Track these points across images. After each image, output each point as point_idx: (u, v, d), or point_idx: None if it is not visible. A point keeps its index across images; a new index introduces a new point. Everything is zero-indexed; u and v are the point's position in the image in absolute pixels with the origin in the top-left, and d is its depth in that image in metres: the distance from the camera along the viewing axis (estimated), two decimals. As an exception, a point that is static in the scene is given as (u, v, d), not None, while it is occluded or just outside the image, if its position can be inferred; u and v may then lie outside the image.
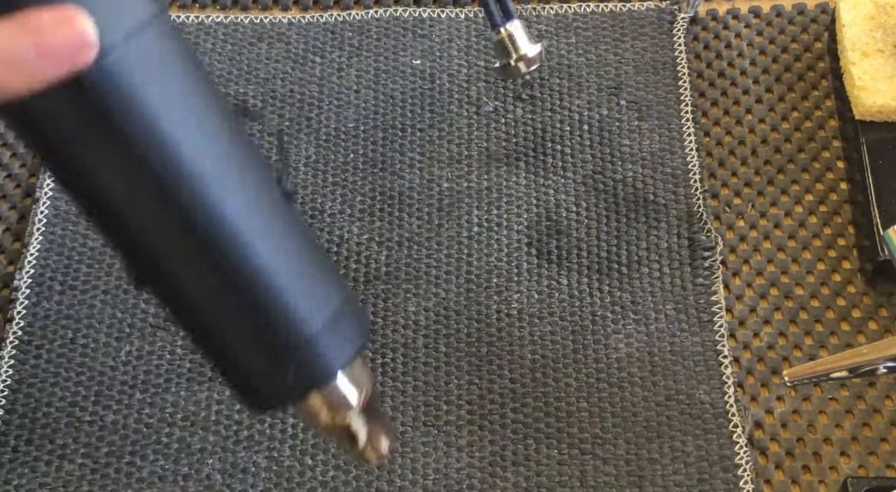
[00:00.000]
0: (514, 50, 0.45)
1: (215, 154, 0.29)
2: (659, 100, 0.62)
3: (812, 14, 0.66)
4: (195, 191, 0.28)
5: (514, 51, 0.45)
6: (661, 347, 0.53)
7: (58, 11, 0.28)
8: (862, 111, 0.57)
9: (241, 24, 0.66)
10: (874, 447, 0.51)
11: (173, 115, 0.28)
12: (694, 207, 0.58)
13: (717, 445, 0.51)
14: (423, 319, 0.55)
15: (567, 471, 0.50)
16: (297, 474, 0.50)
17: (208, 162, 0.28)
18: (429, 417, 0.52)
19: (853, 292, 0.56)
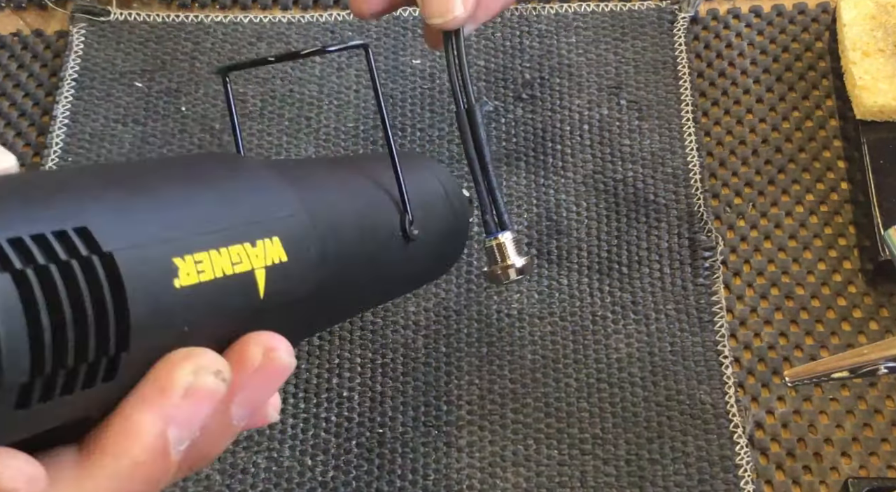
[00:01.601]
0: (502, 259, 0.47)
1: (375, 250, 0.39)
2: (659, 99, 0.62)
3: (813, 13, 0.66)
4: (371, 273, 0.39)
5: (502, 260, 0.47)
6: (661, 348, 0.53)
7: (262, 345, 0.29)
8: (863, 111, 0.57)
9: (240, 23, 0.66)
10: (875, 448, 0.51)
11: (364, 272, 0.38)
12: (694, 207, 0.58)
13: (718, 445, 0.50)
14: (423, 320, 0.55)
15: (567, 471, 0.50)
16: (296, 475, 0.50)
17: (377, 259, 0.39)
18: (429, 417, 0.52)
19: (854, 292, 0.55)
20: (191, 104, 0.62)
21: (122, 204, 0.26)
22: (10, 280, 0.22)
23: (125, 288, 0.25)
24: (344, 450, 0.51)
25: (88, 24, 0.66)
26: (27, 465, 0.23)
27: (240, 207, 0.30)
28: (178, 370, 0.26)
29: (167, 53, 0.64)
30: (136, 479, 0.26)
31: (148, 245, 0.26)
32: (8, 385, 0.22)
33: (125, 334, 0.25)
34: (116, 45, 0.65)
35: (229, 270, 0.28)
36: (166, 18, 0.66)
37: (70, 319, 0.23)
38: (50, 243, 0.23)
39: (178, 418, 0.26)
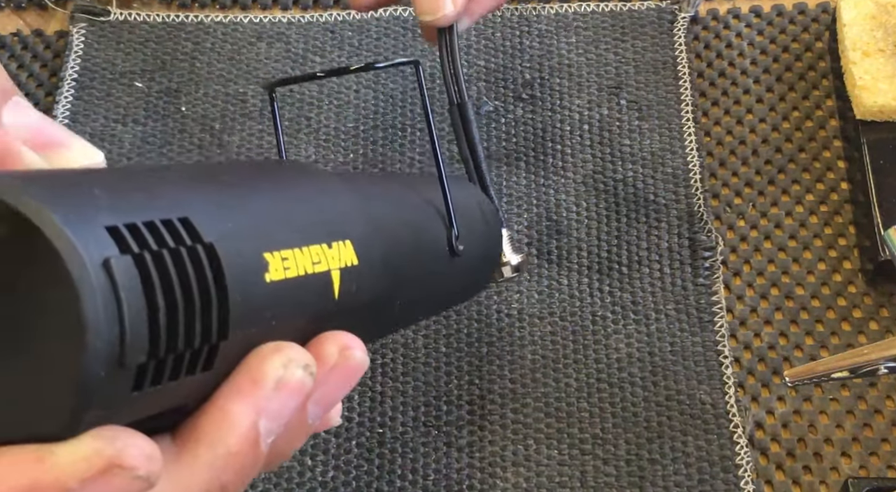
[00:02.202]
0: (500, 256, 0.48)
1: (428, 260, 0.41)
2: (659, 99, 0.62)
3: (813, 13, 0.66)
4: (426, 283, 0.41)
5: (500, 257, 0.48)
6: (661, 348, 0.53)
7: (338, 343, 0.30)
8: (863, 111, 0.57)
9: (240, 23, 0.66)
10: (875, 448, 0.51)
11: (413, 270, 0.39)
12: (694, 207, 0.58)
13: (718, 445, 0.50)
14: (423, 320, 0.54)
15: (567, 471, 0.50)
16: (296, 475, 0.50)
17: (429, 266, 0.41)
18: (429, 417, 0.52)
19: (854, 292, 0.55)
20: (191, 104, 0.62)
21: (215, 199, 0.28)
22: (131, 262, 0.23)
23: (225, 277, 0.25)
24: (344, 450, 0.51)
25: (88, 24, 0.66)
26: (146, 444, 0.24)
27: (316, 210, 0.32)
28: (269, 362, 0.27)
29: (167, 53, 0.64)
30: (230, 469, 0.26)
31: (242, 239, 0.27)
32: (129, 365, 0.23)
33: (225, 324, 0.26)
34: (116, 45, 0.65)
35: (310, 269, 0.29)
36: (166, 18, 0.66)
37: (181, 304, 0.24)
38: (160, 231, 0.24)
39: (269, 410, 0.27)
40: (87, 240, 0.22)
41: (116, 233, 0.23)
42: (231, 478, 0.27)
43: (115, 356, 0.22)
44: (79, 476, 0.22)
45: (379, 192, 0.39)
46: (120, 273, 0.22)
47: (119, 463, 0.23)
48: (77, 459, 0.22)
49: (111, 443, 0.23)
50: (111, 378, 0.23)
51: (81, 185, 0.24)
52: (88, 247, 0.22)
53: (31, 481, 0.22)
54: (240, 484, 0.27)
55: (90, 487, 0.23)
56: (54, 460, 0.22)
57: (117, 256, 0.23)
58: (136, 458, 0.23)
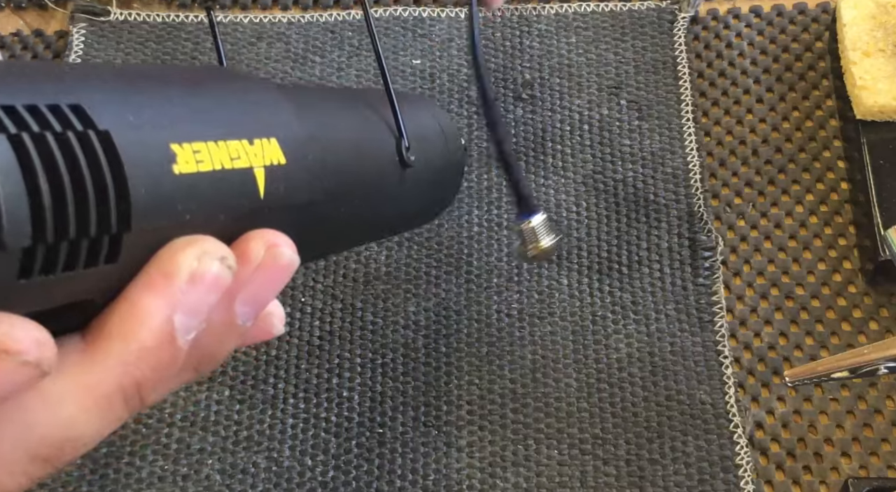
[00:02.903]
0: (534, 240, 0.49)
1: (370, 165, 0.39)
2: (659, 99, 0.62)
3: (813, 13, 0.66)
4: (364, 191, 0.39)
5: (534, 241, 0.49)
6: (661, 348, 0.53)
7: (264, 241, 0.29)
8: (863, 111, 0.57)
9: (240, 23, 0.66)
10: (875, 448, 0.51)
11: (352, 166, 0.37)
12: (694, 207, 0.58)
13: (718, 445, 0.50)
14: (423, 320, 0.55)
15: (567, 471, 0.50)
16: (296, 475, 0.50)
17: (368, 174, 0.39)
18: (429, 417, 0.52)
19: (854, 292, 0.55)
20: (191, 104, 0.62)
21: (118, 90, 0.26)
22: (6, 142, 0.22)
23: (123, 165, 0.24)
24: (344, 450, 0.51)
25: (88, 24, 0.66)
26: (35, 329, 0.22)
27: (238, 107, 0.31)
28: (182, 255, 0.26)
29: (167, 53, 0.64)
30: (144, 364, 0.25)
31: (145, 129, 0.26)
32: (10, 248, 0.22)
33: (126, 214, 0.25)
34: (116, 45, 0.65)
35: (228, 164, 0.28)
36: (166, 18, 0.66)
37: (69, 187, 0.23)
38: (44, 115, 0.23)
39: (184, 304, 0.26)
40: None
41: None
42: (147, 375, 0.25)
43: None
44: None
45: (320, 98, 0.38)
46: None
47: (4, 347, 0.22)
48: None
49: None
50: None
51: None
52: None
53: None
54: (158, 383, 0.26)
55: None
56: None
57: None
58: (22, 341, 0.22)
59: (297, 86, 0.43)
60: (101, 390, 0.25)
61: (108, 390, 0.25)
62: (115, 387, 0.25)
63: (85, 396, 0.25)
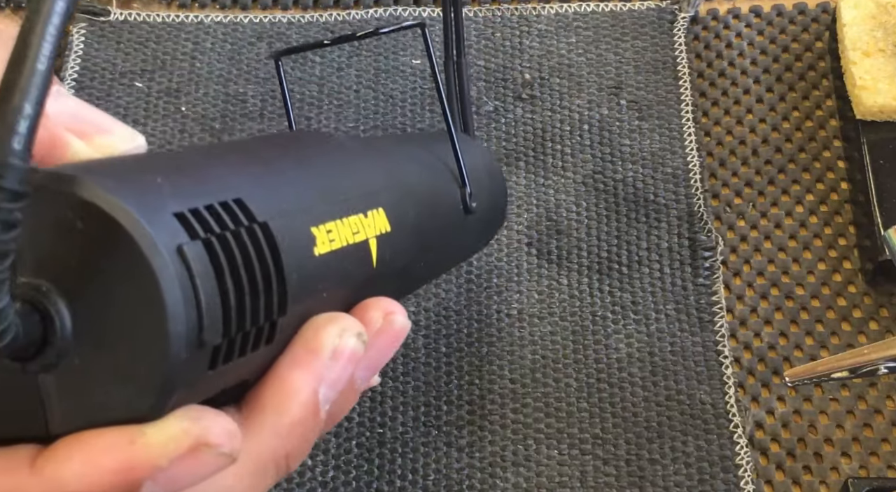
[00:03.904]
0: None
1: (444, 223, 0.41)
2: (659, 99, 0.62)
3: (813, 13, 0.66)
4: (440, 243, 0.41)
5: None
6: (661, 348, 0.53)
7: (382, 309, 0.31)
8: (863, 111, 0.57)
9: (240, 23, 0.66)
10: (875, 448, 0.51)
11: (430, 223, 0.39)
12: (694, 207, 0.58)
13: (718, 445, 0.50)
14: (423, 320, 0.55)
15: (567, 471, 0.50)
16: (296, 475, 0.50)
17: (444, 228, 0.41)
18: (429, 417, 0.52)
19: (854, 292, 0.55)
20: (191, 104, 0.62)
21: (261, 178, 0.28)
22: (202, 247, 0.24)
23: (281, 255, 0.26)
24: (344, 450, 0.51)
25: (88, 24, 0.66)
26: (228, 422, 0.25)
27: (350, 180, 0.32)
28: (324, 333, 0.28)
29: (167, 53, 0.64)
30: (294, 436, 0.27)
31: (291, 216, 0.28)
32: (206, 346, 0.24)
33: (284, 300, 0.26)
34: (116, 45, 0.65)
35: (351, 239, 0.30)
36: (166, 18, 0.66)
37: (247, 284, 0.25)
38: (220, 215, 0.25)
39: (327, 378, 0.28)
40: (159, 229, 0.23)
41: (184, 219, 0.24)
42: (295, 445, 0.27)
43: (194, 340, 0.23)
44: (169, 455, 0.23)
45: (400, 156, 0.40)
46: (193, 259, 0.23)
47: (205, 441, 0.24)
48: (166, 438, 0.23)
49: (196, 422, 0.24)
50: (191, 360, 0.23)
51: (142, 173, 0.25)
52: (162, 236, 0.23)
53: (125, 461, 0.23)
54: (303, 451, 0.28)
55: (179, 465, 0.23)
56: (145, 441, 0.23)
57: (189, 243, 0.23)
58: (219, 436, 0.24)
59: (376, 140, 0.46)
60: (258, 460, 0.27)
61: (264, 459, 0.27)
62: (269, 456, 0.27)
63: (245, 466, 0.27)
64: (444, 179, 0.41)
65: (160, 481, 0.23)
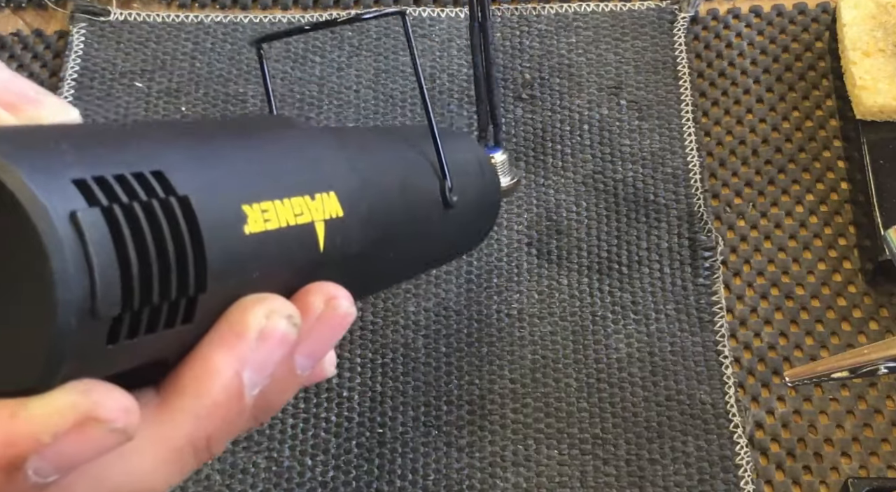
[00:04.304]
0: None
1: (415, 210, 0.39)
2: (659, 99, 0.62)
3: (813, 13, 0.66)
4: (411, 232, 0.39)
5: None
6: (661, 348, 0.53)
7: (323, 294, 0.29)
8: (863, 111, 0.57)
9: (240, 23, 0.66)
10: (875, 448, 0.51)
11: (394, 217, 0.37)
12: (694, 207, 0.58)
13: (718, 445, 0.50)
14: (423, 320, 0.55)
15: (567, 471, 0.50)
16: (296, 475, 0.50)
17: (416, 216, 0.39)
18: (429, 417, 0.52)
19: (854, 292, 0.55)
20: (191, 104, 0.62)
21: (191, 152, 0.27)
22: (99, 214, 0.23)
23: (202, 230, 0.25)
24: (344, 450, 0.51)
25: (88, 24, 0.66)
26: (123, 397, 0.23)
27: (298, 161, 0.31)
28: (251, 314, 0.27)
29: (167, 53, 0.64)
30: (215, 420, 0.26)
31: (218, 192, 0.27)
32: (102, 317, 0.23)
33: (203, 276, 0.25)
34: (116, 45, 0.65)
35: (292, 220, 0.29)
36: (166, 18, 0.66)
37: (154, 256, 0.24)
38: (131, 184, 0.24)
39: (252, 361, 0.26)
40: (52, 194, 0.22)
41: (84, 186, 0.23)
42: (216, 429, 0.26)
43: (86, 309, 0.22)
44: (52, 430, 0.22)
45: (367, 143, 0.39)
46: (88, 226, 0.22)
47: (94, 416, 0.23)
48: (50, 412, 0.22)
49: (86, 396, 0.23)
50: (84, 330, 0.23)
51: (48, 140, 0.24)
52: (53, 201, 0.22)
53: (5, 436, 0.22)
54: (225, 436, 0.27)
55: (64, 440, 0.22)
56: (27, 414, 0.22)
57: (84, 209, 0.23)
58: (111, 410, 0.23)
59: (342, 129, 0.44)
60: (174, 443, 0.26)
61: (181, 443, 0.26)
62: (186, 440, 0.26)
63: (158, 448, 0.26)
64: (419, 170, 0.40)
65: (48, 458, 0.22)
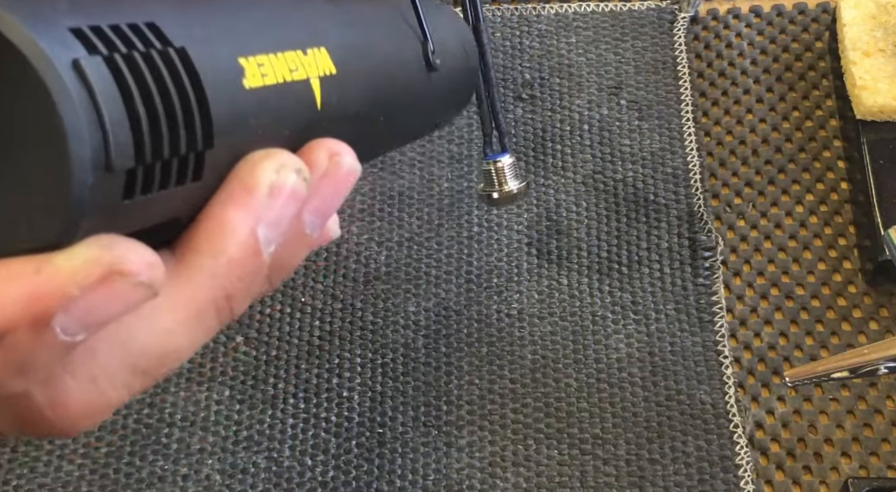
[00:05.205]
0: (499, 183, 0.48)
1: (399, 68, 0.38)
2: (659, 99, 0.62)
3: (813, 13, 0.66)
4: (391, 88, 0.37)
5: (499, 184, 0.48)
6: (661, 348, 0.53)
7: (326, 149, 0.29)
8: (863, 111, 0.57)
9: None
10: (875, 448, 0.51)
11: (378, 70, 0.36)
12: (694, 207, 0.58)
13: (718, 445, 0.50)
14: (423, 320, 0.55)
15: (567, 471, 0.50)
16: (296, 475, 0.50)
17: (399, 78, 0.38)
18: (429, 417, 0.52)
19: (854, 292, 0.55)
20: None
21: (181, 4, 0.26)
22: (102, 63, 0.22)
23: (202, 82, 0.25)
24: (344, 450, 0.51)
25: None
26: (146, 251, 0.23)
27: (286, 15, 0.31)
28: (261, 169, 0.26)
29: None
30: (233, 277, 0.26)
31: (214, 44, 0.26)
32: (117, 170, 0.22)
33: (209, 131, 0.25)
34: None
35: (288, 76, 0.28)
36: (166, 18, 0.66)
37: (161, 108, 0.23)
38: (127, 34, 0.23)
39: (266, 217, 0.26)
40: (53, 43, 0.21)
41: (81, 35, 0.22)
42: (235, 286, 0.26)
43: (101, 161, 0.22)
44: (79, 283, 0.22)
45: (353, 3, 0.38)
46: (93, 74, 0.22)
47: (119, 269, 0.22)
48: (76, 265, 0.22)
49: (109, 249, 0.22)
50: (100, 184, 0.22)
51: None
52: (55, 48, 0.21)
53: (31, 290, 0.22)
54: (245, 294, 0.27)
55: (91, 295, 0.22)
56: (53, 269, 0.22)
57: (86, 57, 0.22)
58: (135, 263, 0.22)
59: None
60: (195, 303, 0.26)
61: (202, 303, 0.26)
62: (208, 299, 0.26)
63: (180, 309, 0.25)
64: (403, 32, 0.39)
65: (74, 313, 0.22)
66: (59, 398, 0.24)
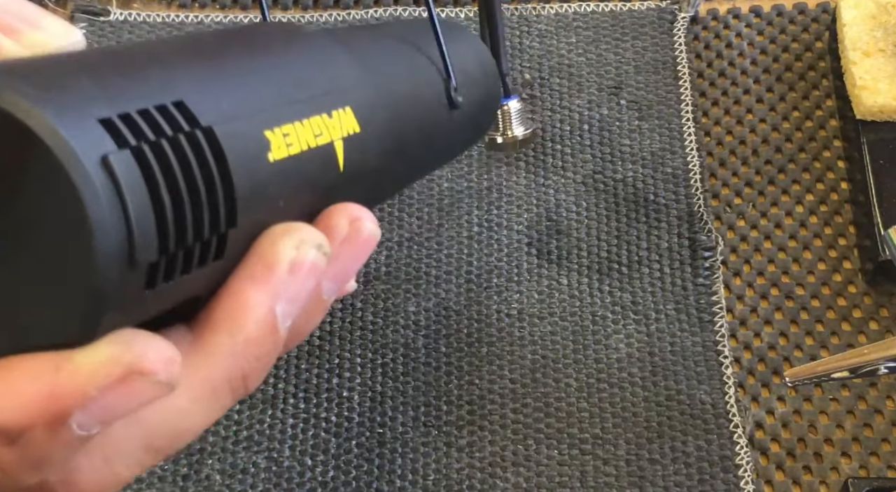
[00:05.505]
0: (504, 127, 0.47)
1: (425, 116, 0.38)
2: (659, 99, 0.62)
3: (813, 13, 0.66)
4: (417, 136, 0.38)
5: (504, 128, 0.47)
6: (661, 348, 0.53)
7: (347, 215, 0.28)
8: (863, 111, 0.57)
9: (240, 23, 0.66)
10: (875, 448, 0.51)
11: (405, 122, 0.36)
12: (694, 207, 0.58)
13: (718, 445, 0.50)
14: (423, 320, 0.55)
15: (567, 471, 0.50)
16: (296, 475, 0.50)
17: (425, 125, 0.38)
18: (429, 417, 0.52)
19: (854, 292, 0.55)
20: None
21: (207, 76, 0.26)
22: (130, 157, 0.22)
23: (228, 162, 0.24)
24: (344, 450, 0.51)
25: (88, 24, 0.66)
26: (166, 347, 0.23)
27: (311, 78, 0.30)
28: (281, 245, 0.26)
29: (167, 53, 0.64)
30: (250, 355, 0.26)
31: (241, 119, 0.26)
32: (140, 264, 0.22)
33: (232, 211, 0.25)
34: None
35: (313, 142, 0.28)
36: (166, 18, 0.66)
37: (186, 196, 0.23)
38: (155, 119, 0.23)
39: (284, 294, 0.26)
40: (81, 138, 0.21)
41: (111, 126, 0.22)
42: (253, 366, 0.26)
43: (124, 257, 0.21)
44: (98, 383, 0.22)
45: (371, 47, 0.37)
46: (121, 170, 0.21)
47: (138, 368, 0.22)
48: (95, 365, 0.22)
49: (129, 348, 0.22)
50: (123, 279, 0.22)
51: (66, 74, 0.23)
52: (84, 145, 0.21)
53: (50, 390, 0.21)
54: (261, 371, 0.27)
55: (110, 394, 0.22)
56: (72, 367, 0.22)
57: (115, 153, 0.21)
58: (154, 362, 0.22)
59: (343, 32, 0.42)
60: (211, 382, 0.25)
61: (218, 382, 0.26)
62: (224, 378, 0.26)
63: (196, 388, 0.25)
64: (425, 72, 0.38)
65: (92, 412, 0.22)
66: (73, 478, 0.24)
